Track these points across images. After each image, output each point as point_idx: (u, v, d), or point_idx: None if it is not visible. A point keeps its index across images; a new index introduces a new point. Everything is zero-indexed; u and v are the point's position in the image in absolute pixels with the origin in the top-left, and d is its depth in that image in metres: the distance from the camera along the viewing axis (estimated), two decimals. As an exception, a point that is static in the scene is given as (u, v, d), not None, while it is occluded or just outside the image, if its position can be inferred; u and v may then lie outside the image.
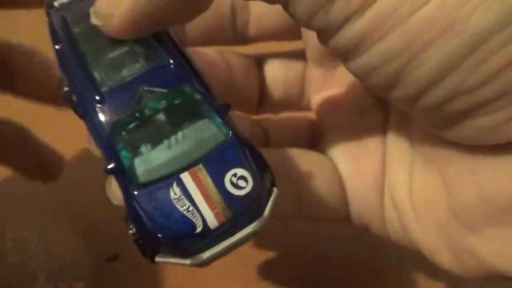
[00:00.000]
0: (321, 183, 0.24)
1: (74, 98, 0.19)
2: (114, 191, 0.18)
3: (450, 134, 0.19)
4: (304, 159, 0.24)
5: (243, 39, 0.27)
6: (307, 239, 0.31)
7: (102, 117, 0.18)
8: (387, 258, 0.29)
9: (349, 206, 0.24)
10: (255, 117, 0.29)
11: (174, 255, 0.17)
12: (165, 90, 0.18)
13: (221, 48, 0.27)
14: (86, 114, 0.19)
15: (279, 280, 0.28)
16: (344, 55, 0.18)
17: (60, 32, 0.20)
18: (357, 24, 0.16)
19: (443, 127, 0.19)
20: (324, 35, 0.18)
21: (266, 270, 0.29)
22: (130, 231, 0.18)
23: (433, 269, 0.22)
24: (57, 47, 0.20)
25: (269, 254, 0.30)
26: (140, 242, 0.17)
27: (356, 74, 0.19)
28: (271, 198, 0.18)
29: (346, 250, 0.30)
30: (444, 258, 0.21)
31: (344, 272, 0.29)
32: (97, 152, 0.19)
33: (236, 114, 0.28)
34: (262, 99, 0.28)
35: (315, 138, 0.27)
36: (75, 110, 0.20)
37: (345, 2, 0.16)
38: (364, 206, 0.24)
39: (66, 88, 0.20)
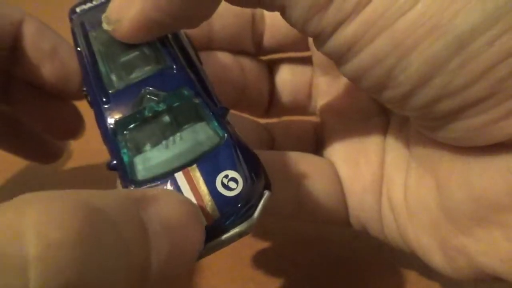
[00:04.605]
0: (320, 184, 0.24)
1: (89, 98, 0.21)
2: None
3: (440, 135, 0.19)
4: (304, 161, 0.25)
5: (258, 49, 0.29)
6: (306, 240, 0.31)
7: (107, 116, 0.19)
8: (383, 259, 0.29)
9: (347, 207, 0.25)
10: (262, 121, 0.30)
11: None
12: (165, 93, 0.19)
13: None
14: (96, 113, 0.20)
15: (279, 279, 0.29)
16: (337, 59, 0.19)
17: (79, 37, 0.22)
18: (348, 29, 0.17)
19: (433, 128, 0.19)
20: (319, 40, 0.19)
21: (265, 270, 0.29)
22: None
23: (428, 270, 0.22)
24: (78, 49, 0.22)
25: (269, 254, 0.30)
26: None
27: (350, 78, 0.20)
28: (262, 201, 0.18)
29: (344, 251, 0.30)
30: (436, 258, 0.21)
31: (342, 273, 0.29)
32: None
33: (244, 118, 0.29)
34: (270, 102, 0.29)
35: (319, 141, 0.28)
36: (92, 109, 0.21)
37: (337, 8, 0.17)
38: (362, 207, 0.24)
39: (84, 89, 0.21)
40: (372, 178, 0.24)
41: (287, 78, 0.29)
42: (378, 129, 0.25)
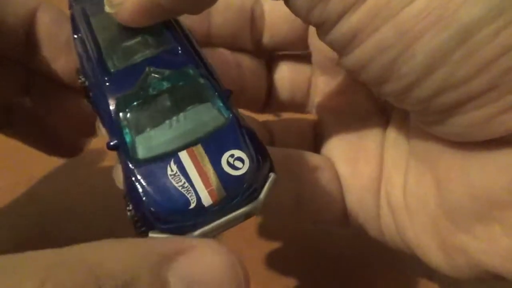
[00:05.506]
0: (320, 183, 0.24)
1: (87, 84, 0.21)
2: (119, 174, 0.19)
3: (440, 130, 0.19)
4: (304, 159, 0.25)
5: (257, 46, 0.29)
6: (307, 240, 0.31)
7: (108, 95, 0.19)
8: (384, 259, 0.29)
9: (346, 206, 0.25)
10: (261, 118, 0.30)
11: (166, 231, 0.17)
12: (170, 71, 0.19)
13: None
14: (95, 95, 0.20)
15: (280, 279, 0.29)
16: (341, 49, 0.19)
17: (80, 22, 0.22)
18: (353, 18, 0.17)
19: (434, 123, 0.19)
20: (322, 29, 0.19)
21: (267, 270, 0.29)
22: (128, 211, 0.18)
23: (429, 270, 0.22)
24: (75, 36, 0.22)
25: (270, 254, 0.30)
26: (136, 219, 0.18)
27: (352, 69, 0.19)
28: (268, 182, 0.18)
29: (345, 250, 0.30)
30: (436, 257, 0.21)
31: (343, 272, 0.29)
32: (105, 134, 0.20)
33: (243, 114, 0.29)
34: (268, 99, 0.29)
35: (318, 139, 0.28)
36: (88, 99, 0.21)
37: None
38: (360, 207, 0.24)
39: (81, 77, 0.21)
40: (371, 177, 0.24)
41: (286, 76, 0.29)
42: (377, 128, 0.25)
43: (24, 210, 0.34)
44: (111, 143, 0.18)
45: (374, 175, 0.24)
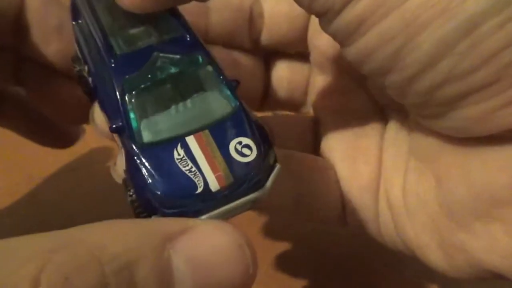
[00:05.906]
0: (319, 183, 0.24)
1: (85, 73, 0.20)
2: (118, 169, 0.19)
3: (440, 125, 0.19)
4: (304, 159, 0.25)
5: (256, 45, 0.29)
6: (307, 239, 0.31)
7: (114, 77, 0.18)
8: (384, 258, 0.29)
9: (344, 206, 0.24)
10: (260, 115, 0.29)
11: (170, 216, 0.17)
12: (179, 56, 0.19)
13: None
14: (97, 80, 0.19)
15: (280, 278, 0.29)
16: (344, 39, 0.19)
17: (83, 8, 0.21)
18: (357, 6, 0.17)
19: (433, 117, 0.19)
20: (325, 19, 0.18)
21: (266, 269, 0.29)
22: (129, 196, 0.18)
23: (429, 270, 0.22)
24: (73, 23, 0.21)
25: (270, 254, 0.30)
26: (136, 204, 0.18)
27: (355, 59, 0.19)
28: (274, 172, 0.18)
29: (345, 250, 0.30)
30: (435, 256, 0.21)
31: (343, 272, 0.29)
32: (99, 130, 0.20)
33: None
34: (265, 97, 0.29)
35: (317, 138, 0.28)
36: (84, 88, 0.21)
37: None
38: (359, 206, 0.24)
39: (76, 65, 0.21)
40: (370, 176, 0.24)
41: (284, 75, 0.29)
42: (376, 127, 0.25)
43: (24, 211, 0.34)
44: (114, 126, 0.18)
45: (373, 175, 0.24)
